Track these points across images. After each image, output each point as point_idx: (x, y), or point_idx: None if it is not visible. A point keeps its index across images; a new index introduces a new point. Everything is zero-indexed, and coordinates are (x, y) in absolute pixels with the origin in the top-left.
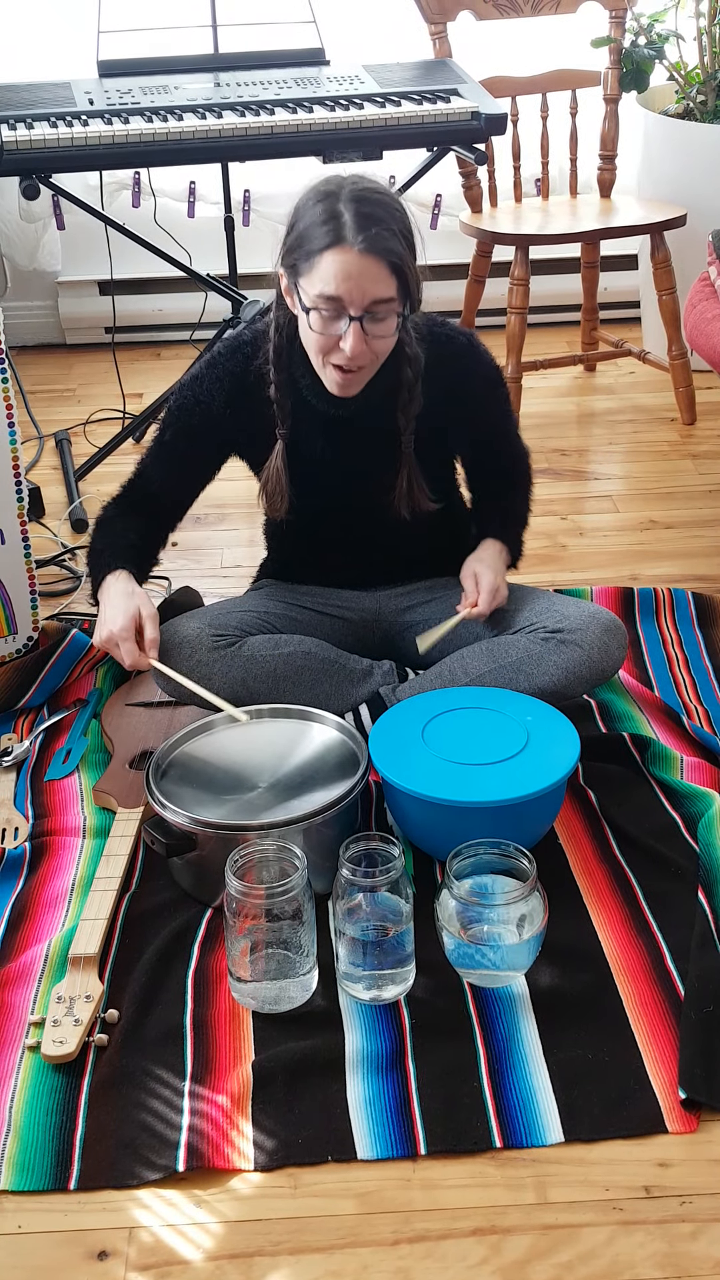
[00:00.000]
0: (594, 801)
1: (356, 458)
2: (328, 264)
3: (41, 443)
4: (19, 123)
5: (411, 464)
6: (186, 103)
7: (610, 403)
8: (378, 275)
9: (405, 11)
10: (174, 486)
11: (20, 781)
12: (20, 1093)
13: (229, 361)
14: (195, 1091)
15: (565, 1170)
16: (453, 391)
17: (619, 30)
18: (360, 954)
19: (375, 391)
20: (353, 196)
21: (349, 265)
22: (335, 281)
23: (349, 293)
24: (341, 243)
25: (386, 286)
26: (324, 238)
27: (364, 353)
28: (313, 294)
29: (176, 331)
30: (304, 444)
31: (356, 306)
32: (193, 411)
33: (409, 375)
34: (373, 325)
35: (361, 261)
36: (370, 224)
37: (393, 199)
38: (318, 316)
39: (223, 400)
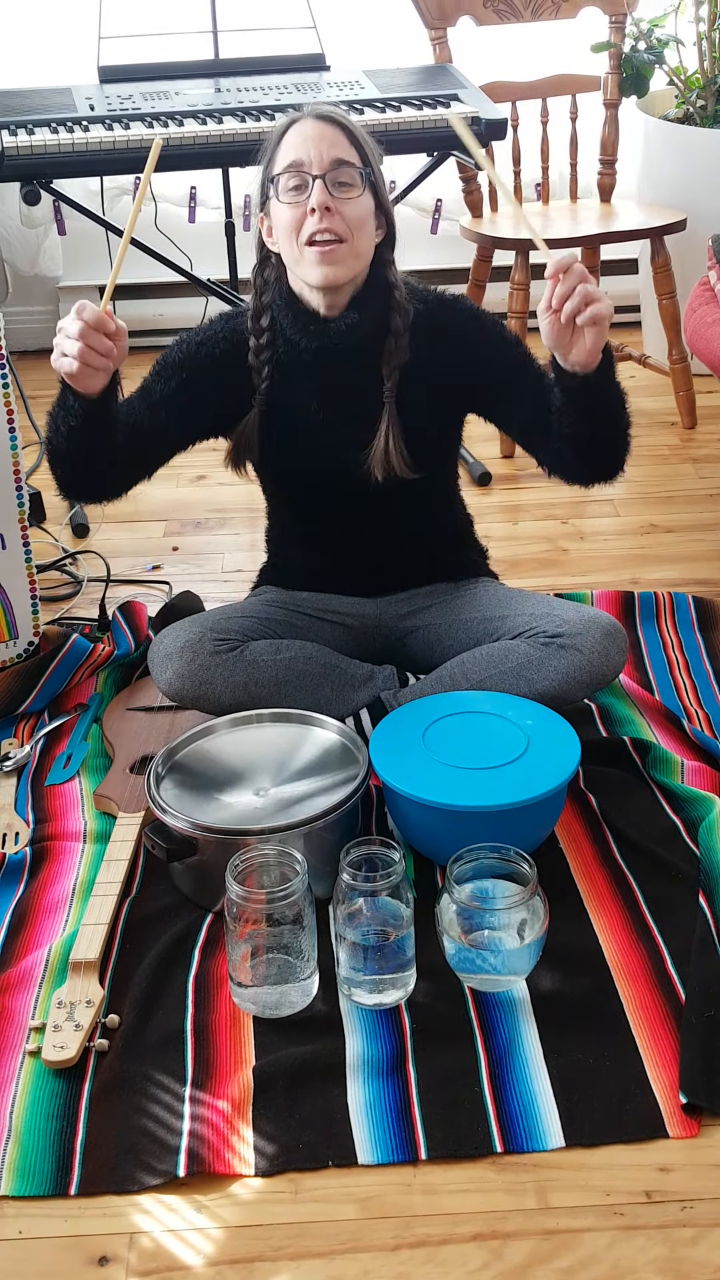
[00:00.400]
0: (595, 806)
1: (339, 411)
2: (287, 140)
3: (43, 448)
4: (20, 128)
5: (393, 419)
6: (187, 108)
7: None
8: (334, 137)
9: (406, 17)
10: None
11: (21, 786)
12: (21, 1098)
13: (229, 321)
14: (196, 1096)
15: (566, 1175)
16: (437, 339)
17: (619, 35)
18: (361, 959)
19: (362, 322)
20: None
21: (305, 130)
22: (294, 148)
23: (308, 153)
24: (295, 122)
25: (345, 150)
26: (282, 126)
27: (334, 216)
28: (279, 175)
29: (177, 336)
30: (289, 406)
31: (318, 165)
32: (194, 350)
33: (397, 324)
34: (338, 189)
35: (317, 125)
36: (327, 107)
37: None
38: (285, 190)
39: (223, 347)
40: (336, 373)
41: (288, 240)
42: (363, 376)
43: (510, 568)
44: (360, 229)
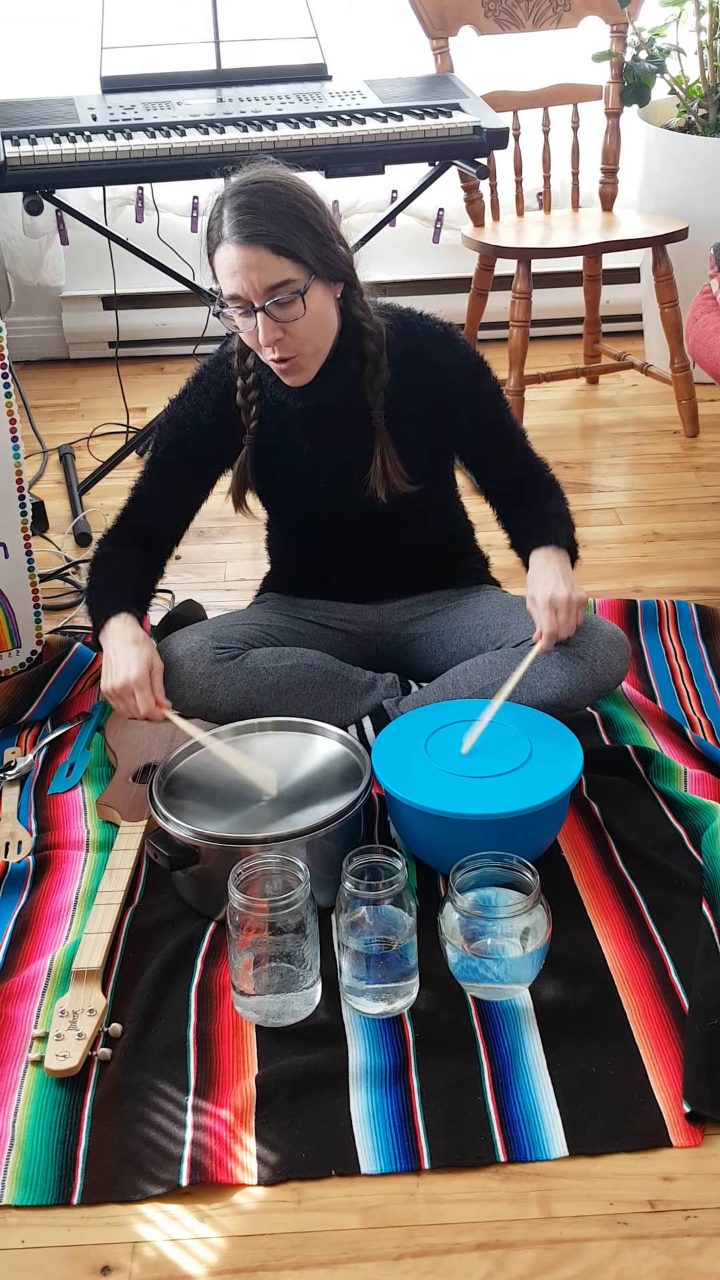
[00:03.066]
0: (597, 814)
1: (333, 447)
2: (219, 265)
3: (45, 457)
4: (23, 138)
5: (385, 441)
6: (189, 118)
7: (613, 415)
8: (262, 262)
9: (407, 27)
10: (170, 506)
11: (24, 795)
12: (23, 1107)
13: (214, 373)
14: (198, 1106)
15: (569, 1184)
16: (430, 379)
17: (620, 45)
18: (364, 967)
19: (340, 372)
20: (232, 193)
21: (231, 260)
22: (227, 280)
23: (241, 286)
24: (221, 241)
25: (275, 271)
26: (212, 241)
27: (284, 339)
28: (223, 296)
29: (180, 346)
30: (281, 446)
31: (256, 297)
32: (183, 424)
33: (371, 349)
34: (280, 310)
35: (241, 252)
36: (244, 213)
37: (277, 183)
38: (235, 314)
39: (211, 410)
40: (323, 413)
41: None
42: (349, 407)
43: (513, 575)
44: (314, 336)
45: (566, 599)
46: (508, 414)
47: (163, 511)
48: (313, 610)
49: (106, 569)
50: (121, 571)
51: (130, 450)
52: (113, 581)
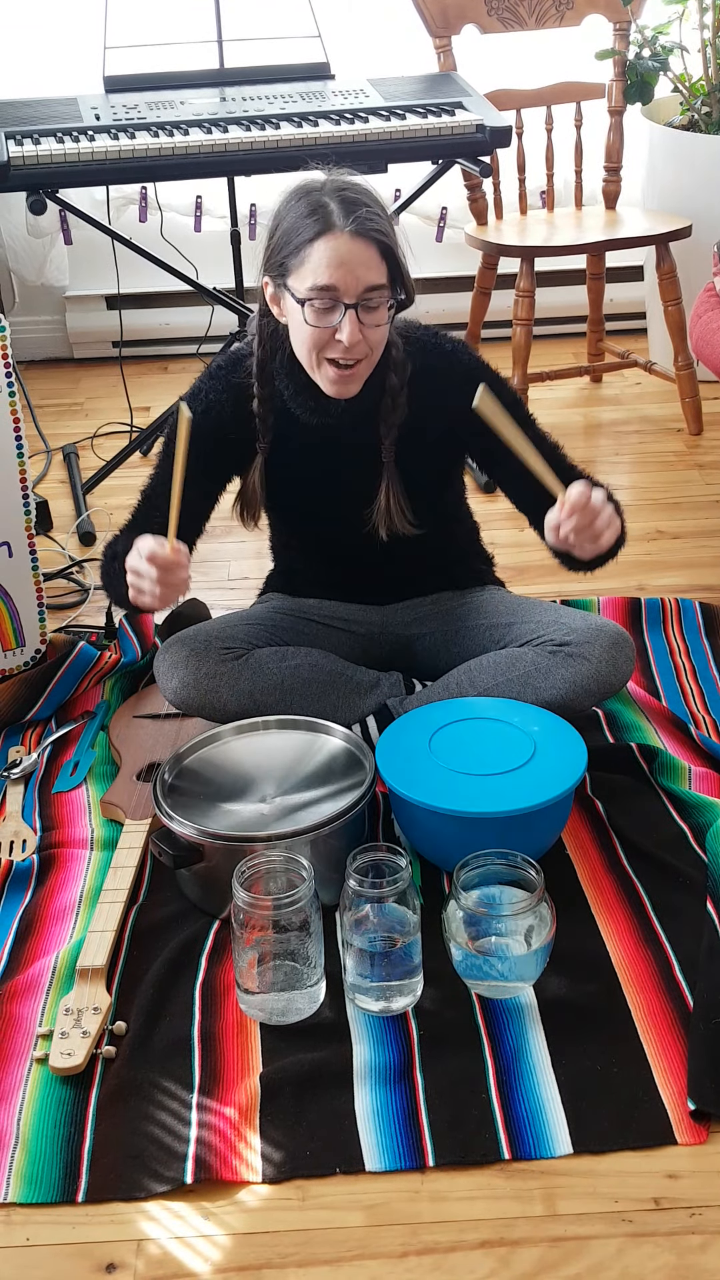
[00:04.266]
0: (602, 812)
1: (340, 471)
2: (319, 252)
3: (49, 456)
4: (26, 138)
5: (393, 478)
6: (192, 117)
7: (617, 414)
8: (369, 259)
9: (410, 26)
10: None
11: (28, 794)
12: (28, 1105)
13: (230, 374)
14: (203, 1104)
15: (574, 1182)
16: (443, 399)
17: (623, 43)
18: (368, 965)
19: (361, 398)
20: (335, 188)
21: (340, 249)
22: (328, 269)
23: (343, 279)
24: (331, 229)
25: (379, 272)
26: (312, 228)
27: (360, 343)
28: (305, 288)
29: (183, 345)
30: (288, 460)
31: (351, 293)
32: (198, 425)
33: (394, 382)
34: (367, 314)
35: (353, 244)
36: (357, 207)
37: (373, 192)
38: (312, 310)
39: (228, 412)
40: (336, 436)
41: (305, 349)
42: (361, 436)
43: (516, 574)
44: (379, 347)
45: (604, 498)
46: (529, 424)
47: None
48: (316, 610)
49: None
50: None
51: (134, 449)
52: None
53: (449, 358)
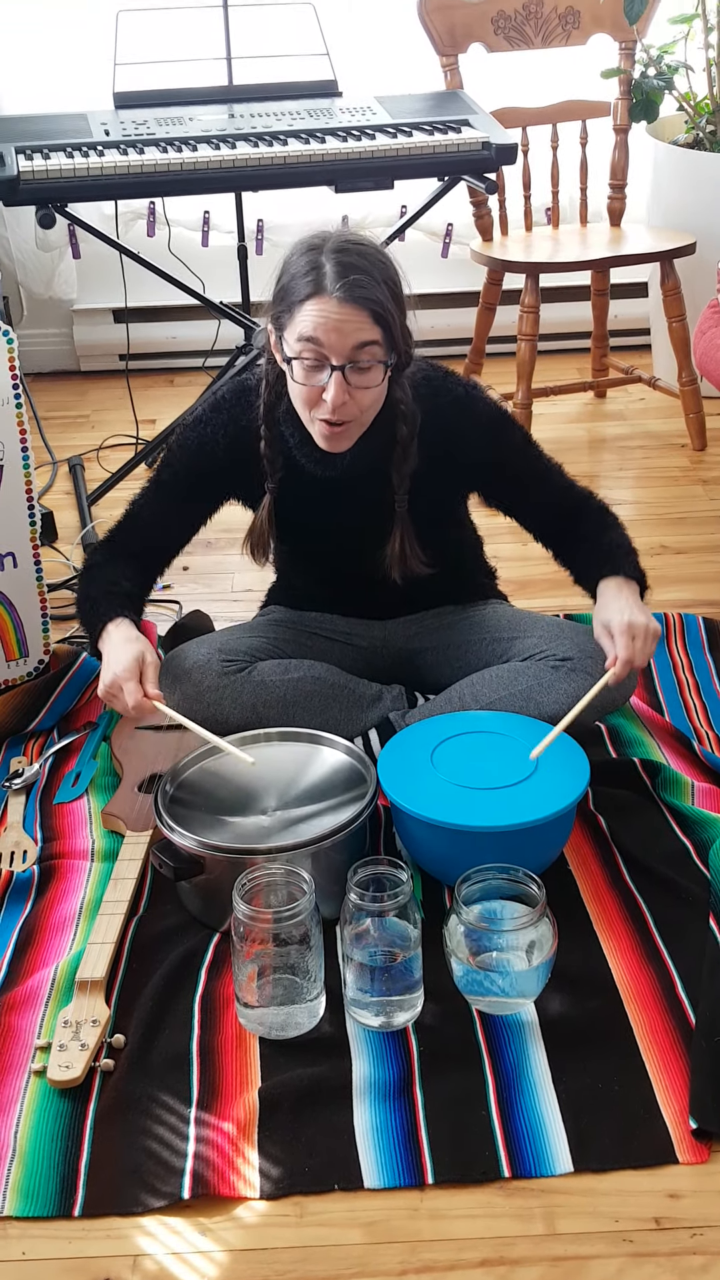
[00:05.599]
0: (604, 827)
1: (349, 516)
2: (308, 312)
3: (55, 468)
4: (36, 153)
5: (405, 525)
6: (201, 133)
7: (621, 429)
8: (359, 323)
9: (417, 44)
10: (166, 529)
11: (29, 804)
12: (26, 1118)
13: (233, 406)
14: (201, 1118)
15: (574, 1201)
16: (452, 445)
17: (629, 61)
18: (368, 980)
19: (368, 449)
20: (335, 248)
21: (328, 313)
22: (315, 329)
23: (329, 340)
24: (321, 292)
25: (369, 333)
26: (305, 288)
27: (348, 404)
28: (295, 342)
29: (189, 359)
30: (296, 502)
31: (338, 355)
32: (196, 453)
33: (404, 432)
34: (356, 375)
35: (341, 309)
36: (350, 272)
37: (378, 252)
38: (300, 366)
39: (226, 445)
40: (344, 484)
41: (298, 404)
42: (371, 485)
43: (520, 588)
44: (372, 407)
45: (645, 626)
46: (539, 459)
47: (159, 534)
48: (319, 623)
49: (99, 579)
50: (114, 581)
51: (139, 462)
52: (107, 592)
53: (461, 403)
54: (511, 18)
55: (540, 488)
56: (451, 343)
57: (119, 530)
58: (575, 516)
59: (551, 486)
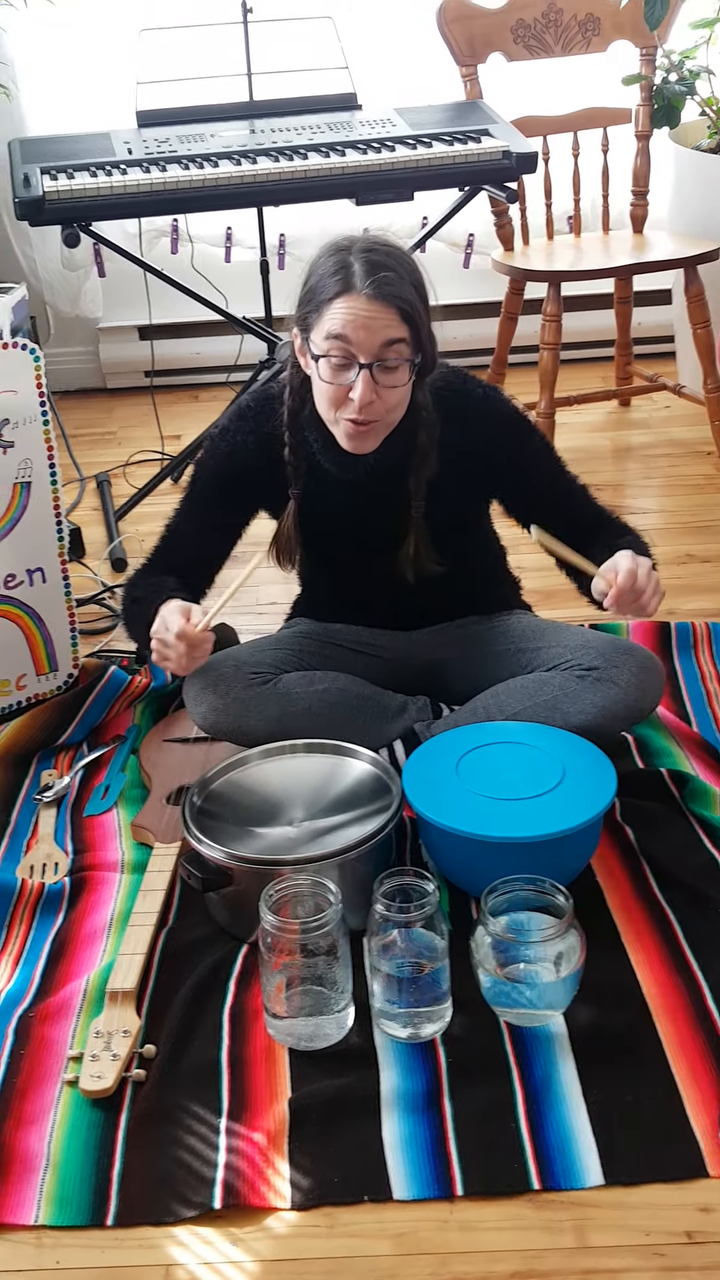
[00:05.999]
0: (631, 838)
1: (370, 521)
2: (336, 310)
3: (83, 484)
4: (60, 173)
5: (420, 529)
6: (222, 149)
7: (645, 437)
8: (387, 320)
9: (437, 55)
10: (203, 544)
11: (60, 817)
12: (59, 1128)
13: (257, 414)
14: (231, 1128)
15: (605, 1214)
16: (472, 447)
17: (650, 67)
18: (396, 991)
19: (389, 454)
20: (363, 248)
21: (357, 310)
22: (343, 326)
23: (358, 337)
24: (350, 290)
25: (397, 330)
26: (334, 287)
27: (375, 403)
28: (322, 341)
29: (213, 374)
30: (319, 506)
31: (366, 353)
32: (226, 461)
33: (424, 439)
34: (383, 374)
35: (370, 306)
36: (379, 270)
37: (405, 254)
38: (328, 364)
39: (254, 450)
40: (365, 488)
41: (324, 405)
42: (389, 489)
43: (544, 599)
44: (397, 407)
45: (649, 570)
46: (560, 471)
47: (197, 551)
48: (343, 634)
49: (142, 584)
50: (160, 583)
51: (165, 476)
52: (153, 591)
53: (480, 405)
54: (531, 26)
55: (558, 496)
56: (474, 353)
57: (157, 553)
58: (592, 530)
59: (570, 498)
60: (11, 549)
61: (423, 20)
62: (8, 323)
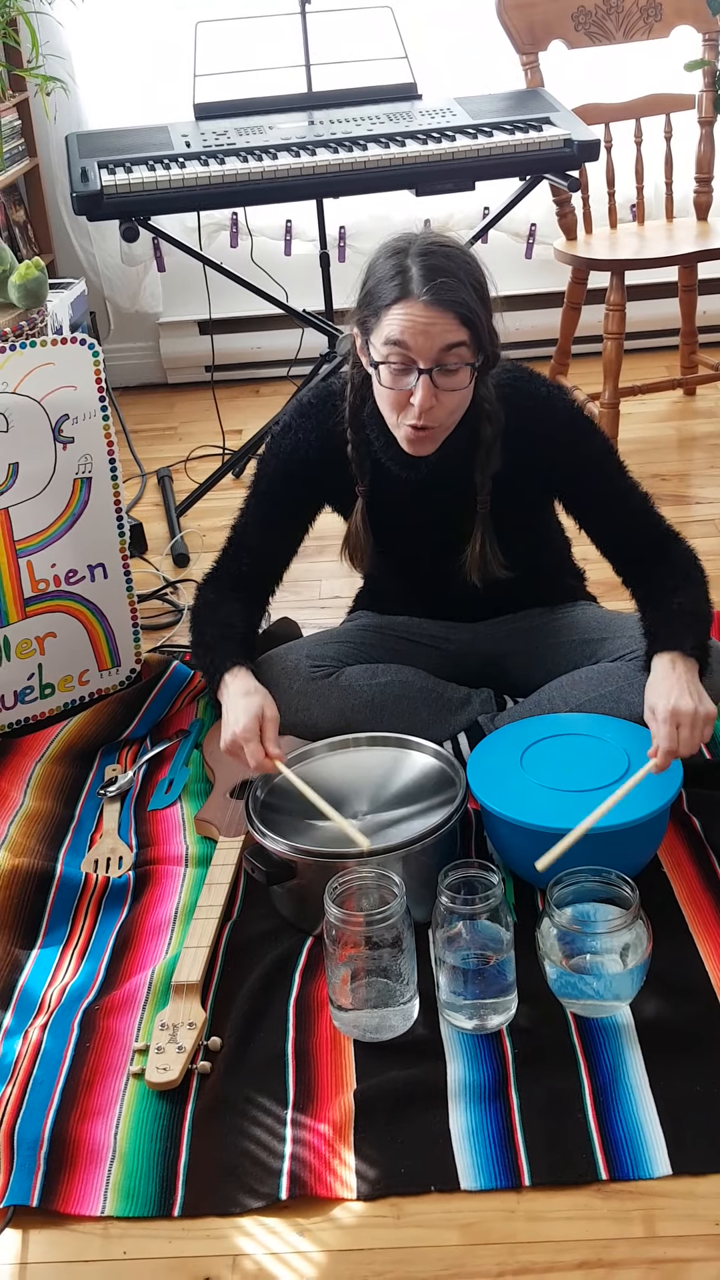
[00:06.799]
0: (698, 829)
1: (434, 517)
2: (395, 316)
3: (144, 480)
4: (119, 167)
5: (487, 527)
6: (281, 141)
7: (711, 426)
8: (446, 326)
9: (497, 43)
10: (272, 541)
11: (124, 811)
12: (125, 1119)
13: (319, 410)
14: (297, 1120)
15: (673, 1204)
16: (530, 442)
17: (713, 53)
18: (461, 983)
19: (452, 450)
20: (420, 251)
21: (416, 316)
22: (402, 332)
23: (417, 343)
24: (408, 296)
25: (456, 334)
26: (391, 292)
27: (435, 407)
28: (381, 346)
29: (274, 368)
30: (384, 502)
31: (425, 358)
32: (289, 459)
33: (488, 433)
34: (443, 378)
35: (428, 313)
36: (437, 275)
37: (463, 253)
38: (387, 370)
39: (317, 448)
40: (429, 485)
41: (385, 409)
42: (455, 486)
43: (609, 589)
44: (458, 409)
45: (692, 713)
46: (619, 475)
47: (266, 549)
48: (406, 627)
49: (213, 621)
50: (227, 624)
51: (226, 471)
52: (220, 635)
53: (544, 404)
54: (592, 12)
55: (615, 502)
56: (537, 344)
57: (225, 555)
58: (652, 552)
59: (629, 506)
60: (73, 544)
61: (482, 8)
62: (67, 318)
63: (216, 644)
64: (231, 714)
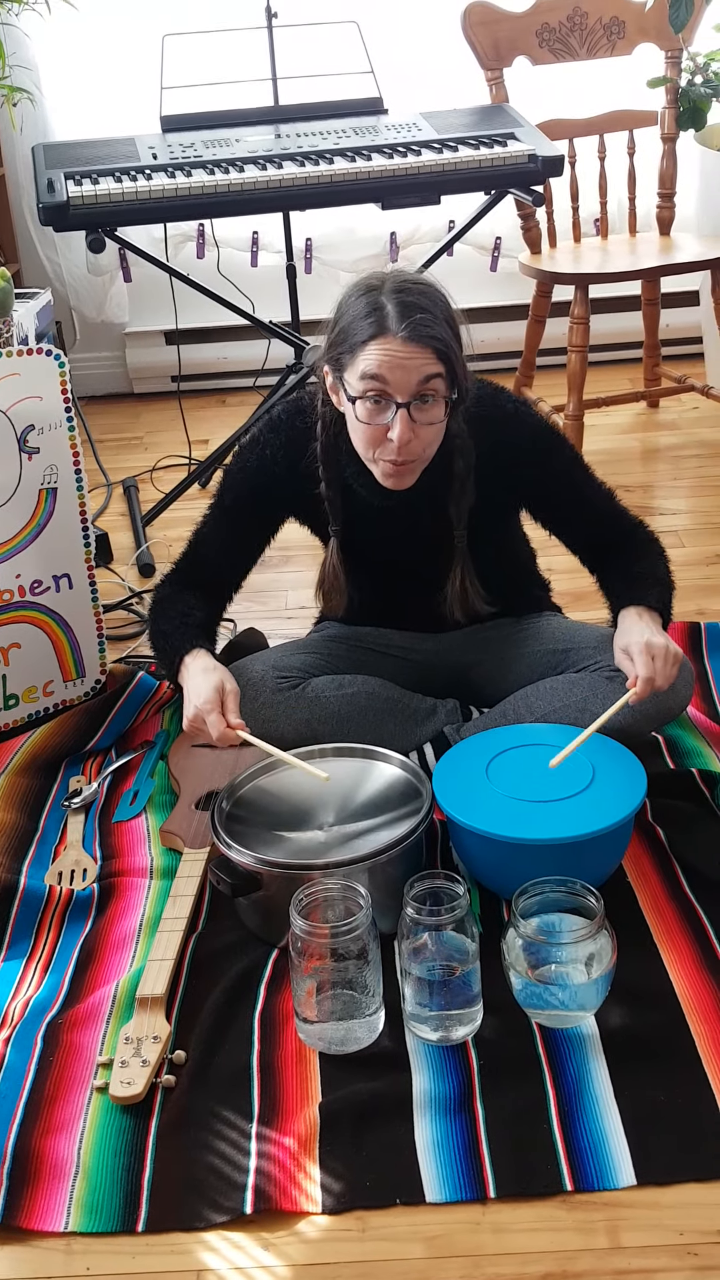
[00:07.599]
0: (663, 839)
1: (410, 551)
2: (372, 352)
3: (110, 490)
4: (85, 178)
5: (465, 562)
6: (247, 154)
7: (674, 438)
8: (423, 359)
9: (462, 59)
10: (231, 553)
11: (89, 823)
12: (89, 1134)
13: (289, 426)
14: (262, 1133)
15: (638, 1214)
16: (498, 457)
17: (675, 70)
18: (427, 994)
19: (426, 483)
20: (395, 289)
21: (393, 351)
22: (379, 366)
23: (395, 378)
24: (385, 332)
25: (433, 367)
26: (368, 329)
27: (413, 441)
28: (357, 382)
29: (240, 379)
30: (358, 537)
31: (403, 392)
32: (255, 474)
33: (460, 467)
34: (420, 411)
35: (406, 348)
36: (413, 311)
37: (435, 290)
38: (364, 406)
39: (285, 464)
40: (403, 519)
41: (361, 444)
42: (429, 518)
43: (574, 600)
44: (434, 443)
45: (664, 647)
46: (587, 481)
47: (225, 560)
48: (372, 638)
49: (171, 612)
50: (185, 612)
51: (192, 482)
52: (179, 624)
53: (512, 419)
54: (556, 29)
55: (586, 509)
56: (502, 356)
57: (185, 560)
58: (618, 543)
59: (598, 510)
60: (38, 555)
61: (447, 24)
62: (33, 328)
63: (175, 631)
64: (192, 689)
